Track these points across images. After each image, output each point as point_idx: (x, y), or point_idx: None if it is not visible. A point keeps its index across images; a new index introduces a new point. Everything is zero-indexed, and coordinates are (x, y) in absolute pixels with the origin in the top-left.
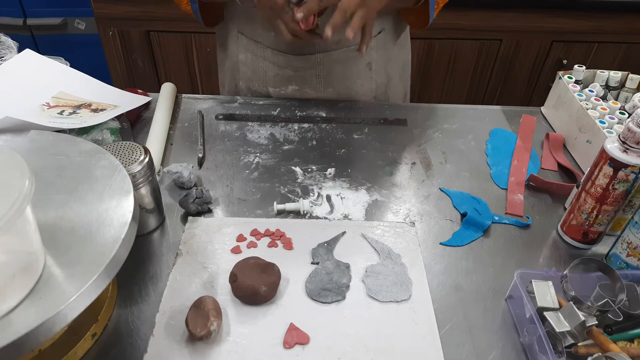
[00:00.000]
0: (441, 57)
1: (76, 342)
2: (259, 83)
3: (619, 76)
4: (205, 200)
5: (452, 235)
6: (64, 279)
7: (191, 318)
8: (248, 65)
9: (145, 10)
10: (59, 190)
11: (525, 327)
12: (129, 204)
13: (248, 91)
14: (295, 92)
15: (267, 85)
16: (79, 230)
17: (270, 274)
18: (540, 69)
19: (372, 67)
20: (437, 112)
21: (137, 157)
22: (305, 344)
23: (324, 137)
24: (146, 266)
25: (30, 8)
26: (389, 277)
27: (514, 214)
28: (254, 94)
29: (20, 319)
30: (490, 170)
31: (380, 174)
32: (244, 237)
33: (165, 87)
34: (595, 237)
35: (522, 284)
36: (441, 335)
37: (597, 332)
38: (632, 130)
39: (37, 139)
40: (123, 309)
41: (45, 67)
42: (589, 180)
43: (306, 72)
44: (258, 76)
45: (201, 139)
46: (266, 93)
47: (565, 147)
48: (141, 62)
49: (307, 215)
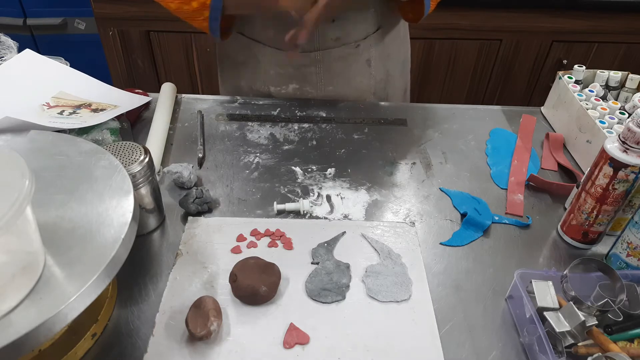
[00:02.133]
0: (441, 57)
1: (76, 342)
2: (260, 82)
3: (619, 76)
4: (205, 200)
5: (452, 235)
6: (64, 279)
7: (191, 318)
8: (248, 65)
9: (145, 10)
10: (59, 190)
11: (525, 327)
12: (129, 204)
13: (250, 91)
14: (295, 91)
15: (268, 84)
16: (79, 230)
17: (270, 274)
18: (540, 69)
19: (372, 64)
20: (437, 112)
21: (137, 157)
22: (305, 344)
23: (324, 137)
24: (146, 266)
25: (30, 8)
26: (389, 277)
27: (514, 214)
28: (256, 93)
29: (20, 319)
30: (490, 170)
31: (380, 174)
32: (244, 237)
33: (165, 87)
34: (595, 237)
35: (522, 284)
36: (441, 335)
37: (597, 332)
38: (632, 130)
39: (37, 139)
40: (123, 309)
41: (45, 67)
42: (589, 180)
43: (306, 70)
44: (259, 75)
45: (201, 139)
46: (267, 92)
47: (565, 147)
48: (141, 62)
49: (307, 215)
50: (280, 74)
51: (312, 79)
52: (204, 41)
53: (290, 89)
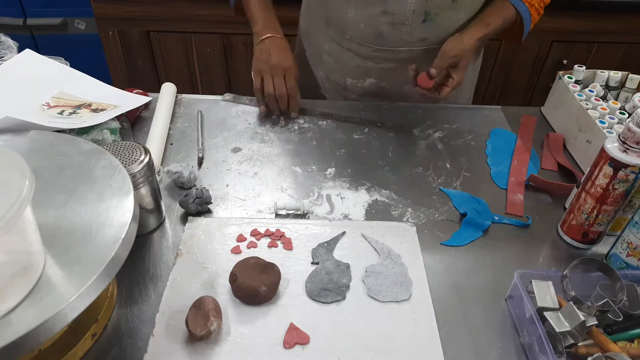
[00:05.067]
0: None
1: (76, 342)
2: (340, 73)
3: (619, 76)
4: (205, 200)
5: (452, 235)
6: (64, 279)
7: (191, 318)
8: (332, 55)
9: (145, 10)
10: (59, 190)
11: (525, 327)
12: (129, 204)
13: (327, 81)
14: (372, 86)
15: (347, 76)
16: (79, 230)
17: (270, 274)
18: (540, 69)
19: None
20: (437, 112)
21: (137, 157)
22: (305, 344)
23: (324, 137)
24: (146, 266)
25: (30, 8)
26: (389, 277)
27: (514, 214)
28: (332, 84)
29: (20, 319)
30: (490, 170)
31: (380, 174)
32: (244, 237)
33: (165, 87)
34: (595, 237)
35: (522, 284)
36: (441, 335)
37: (597, 332)
38: (632, 130)
39: (37, 139)
40: (123, 309)
41: (45, 67)
42: (589, 180)
43: (387, 65)
44: (340, 66)
45: (201, 139)
46: (343, 84)
47: (565, 147)
48: (141, 62)
49: (307, 215)
50: (362, 67)
51: (390, 75)
52: (204, 41)
53: (367, 83)
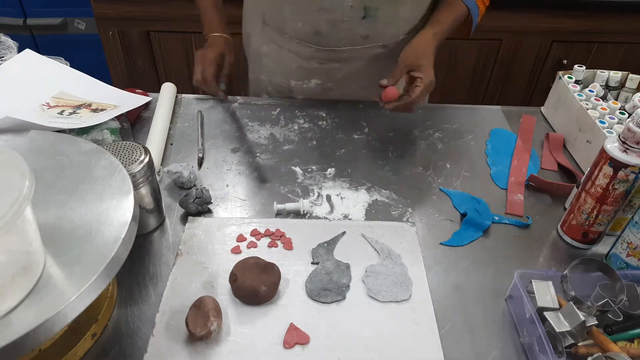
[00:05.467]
0: (441, 57)
1: (76, 342)
2: (282, 76)
3: (619, 76)
4: (205, 200)
5: (452, 235)
6: (64, 279)
7: (191, 318)
8: (272, 57)
9: (145, 10)
10: (59, 190)
11: (525, 327)
12: (129, 204)
13: (269, 84)
14: (317, 87)
15: (290, 78)
16: (79, 230)
17: (270, 274)
18: (540, 69)
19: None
20: (437, 112)
21: (137, 157)
22: (305, 344)
23: (324, 137)
24: (146, 266)
25: (30, 8)
26: (389, 277)
27: (514, 214)
28: (275, 87)
29: (20, 319)
30: (490, 170)
31: (380, 174)
32: (244, 237)
33: (165, 87)
34: (595, 237)
35: (522, 284)
36: (441, 335)
37: (597, 332)
38: (632, 130)
39: (37, 139)
40: (123, 309)
41: (45, 67)
42: (589, 180)
43: (331, 66)
44: (281, 69)
45: (201, 139)
46: (287, 86)
47: (565, 147)
48: (141, 62)
49: (307, 215)
50: (304, 68)
51: (335, 75)
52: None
53: (312, 84)
